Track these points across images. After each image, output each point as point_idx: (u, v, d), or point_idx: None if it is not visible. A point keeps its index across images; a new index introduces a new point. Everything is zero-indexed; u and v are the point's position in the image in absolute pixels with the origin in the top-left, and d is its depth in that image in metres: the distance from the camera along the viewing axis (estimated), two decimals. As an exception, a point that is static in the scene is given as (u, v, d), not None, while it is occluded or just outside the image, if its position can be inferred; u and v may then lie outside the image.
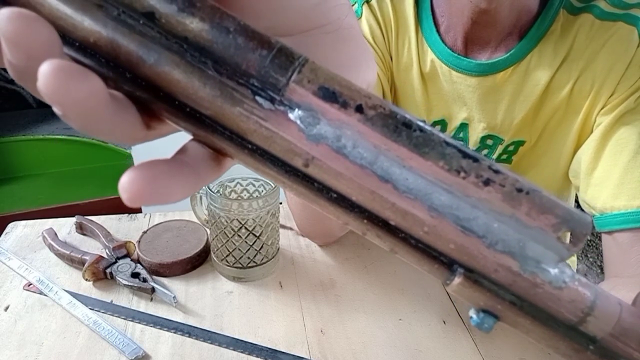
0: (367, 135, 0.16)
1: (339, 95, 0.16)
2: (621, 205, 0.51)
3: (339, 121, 0.16)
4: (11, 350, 0.48)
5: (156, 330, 0.50)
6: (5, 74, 1.92)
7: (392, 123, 0.16)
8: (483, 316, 0.17)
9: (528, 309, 0.17)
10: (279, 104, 0.15)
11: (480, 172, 0.16)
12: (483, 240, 0.16)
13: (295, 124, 0.16)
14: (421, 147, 0.16)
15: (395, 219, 0.16)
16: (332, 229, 0.62)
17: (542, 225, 0.16)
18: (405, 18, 0.60)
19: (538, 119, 0.58)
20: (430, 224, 0.16)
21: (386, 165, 0.16)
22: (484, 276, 0.16)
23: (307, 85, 0.16)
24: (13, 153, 1.64)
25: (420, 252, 0.17)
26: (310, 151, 0.16)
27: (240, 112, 0.15)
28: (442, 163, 0.16)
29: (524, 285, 0.16)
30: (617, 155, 0.51)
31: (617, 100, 0.52)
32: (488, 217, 0.16)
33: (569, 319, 0.17)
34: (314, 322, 0.52)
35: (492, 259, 0.16)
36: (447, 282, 0.17)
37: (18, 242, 0.63)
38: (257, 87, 0.15)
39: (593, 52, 0.53)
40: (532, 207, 0.16)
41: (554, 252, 0.16)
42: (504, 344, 0.50)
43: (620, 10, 0.52)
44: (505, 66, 0.56)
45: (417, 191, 0.16)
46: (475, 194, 0.16)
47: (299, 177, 0.16)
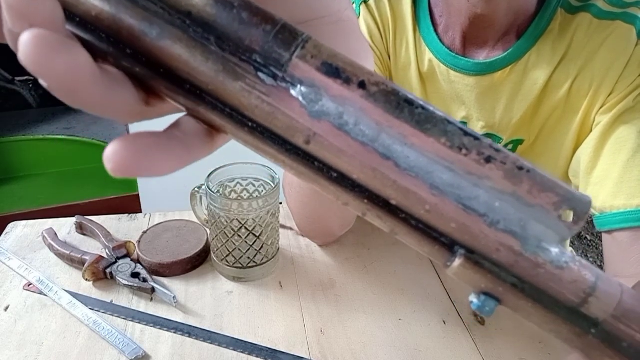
0: (369, 111, 0.16)
1: (342, 71, 0.16)
2: (620, 204, 0.51)
3: (341, 97, 0.16)
4: (11, 350, 0.48)
5: (156, 330, 0.51)
6: (6, 74, 1.92)
7: (394, 100, 0.16)
8: (484, 299, 0.17)
9: (529, 291, 0.16)
10: (282, 81, 0.15)
11: (481, 150, 0.16)
12: (484, 219, 0.16)
13: (297, 100, 0.15)
14: (423, 124, 0.16)
15: (396, 198, 0.16)
16: (332, 228, 0.62)
17: (544, 204, 0.16)
18: (403, 18, 0.60)
19: (536, 118, 0.58)
20: (431, 202, 0.16)
21: (388, 142, 0.16)
22: (485, 257, 0.16)
23: (310, 61, 0.15)
24: (13, 153, 1.64)
25: (420, 233, 0.17)
26: (312, 127, 0.16)
27: (242, 87, 0.15)
28: (444, 140, 0.16)
29: (525, 266, 0.16)
30: (616, 154, 0.51)
31: (616, 99, 0.52)
32: (489, 195, 0.16)
33: (571, 300, 0.16)
34: (314, 322, 0.52)
35: (494, 238, 0.16)
36: (448, 264, 0.17)
37: (18, 242, 0.63)
38: (259, 63, 0.15)
39: (591, 51, 0.53)
40: (534, 185, 0.16)
41: (554, 232, 0.16)
42: (504, 344, 0.50)
43: (618, 9, 0.52)
44: (503, 65, 0.56)
45: (419, 169, 0.16)
46: (477, 171, 0.16)
47: (299, 156, 0.16)
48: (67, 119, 1.96)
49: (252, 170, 0.60)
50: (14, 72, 1.95)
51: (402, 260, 0.62)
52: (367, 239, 0.66)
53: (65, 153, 1.69)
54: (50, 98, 1.37)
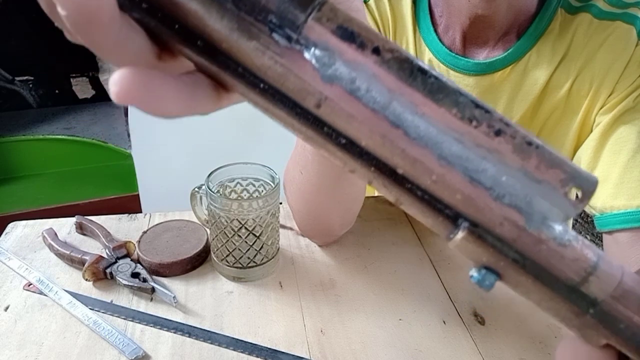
0: (382, 78, 0.16)
1: (357, 36, 0.16)
2: (621, 205, 0.51)
3: (354, 62, 0.15)
4: (11, 350, 0.48)
5: (156, 330, 0.51)
6: (6, 74, 1.92)
7: (407, 67, 0.16)
8: (484, 273, 0.17)
9: (530, 267, 0.16)
10: (296, 43, 0.15)
11: (492, 123, 0.16)
12: (490, 192, 0.16)
13: (310, 63, 0.15)
14: (435, 94, 0.16)
15: (403, 166, 0.16)
16: (332, 228, 0.62)
17: (551, 180, 0.16)
18: (402, 18, 0.60)
19: (536, 118, 0.58)
20: (438, 173, 0.16)
21: (399, 110, 0.16)
22: (488, 231, 0.16)
23: (325, 24, 0.15)
24: (13, 153, 1.64)
25: (425, 203, 0.17)
26: (324, 91, 0.15)
27: (256, 47, 0.15)
28: (455, 111, 0.16)
29: (528, 241, 0.16)
30: (616, 155, 0.51)
31: (616, 99, 0.52)
32: (497, 169, 0.16)
33: (571, 278, 0.16)
34: (314, 322, 0.52)
35: (498, 211, 0.16)
36: (450, 237, 0.17)
37: (18, 242, 0.63)
38: (274, 24, 0.15)
39: (591, 51, 0.53)
40: (542, 161, 0.16)
41: (559, 210, 0.16)
42: (504, 344, 0.50)
43: (618, 9, 0.52)
44: (503, 65, 0.56)
45: (428, 139, 0.16)
46: (486, 144, 0.16)
47: (309, 120, 0.16)
48: (67, 119, 1.96)
49: (252, 170, 0.60)
50: (14, 72, 1.96)
51: (402, 260, 0.62)
52: (367, 239, 0.66)
53: (65, 153, 1.69)
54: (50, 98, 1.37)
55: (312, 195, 0.57)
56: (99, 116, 2.01)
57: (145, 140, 1.25)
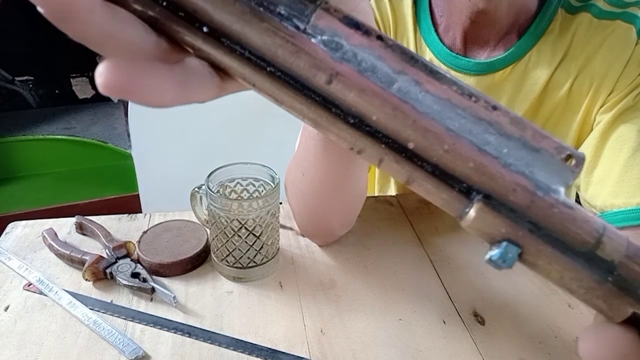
0: (387, 58, 0.17)
1: (362, 25, 0.17)
2: (621, 203, 0.51)
3: (361, 45, 0.16)
4: (11, 350, 0.48)
5: (156, 330, 0.51)
6: (6, 74, 1.92)
7: (408, 52, 0.17)
8: (505, 245, 0.17)
9: (547, 235, 0.17)
10: (304, 33, 0.16)
11: (487, 100, 0.17)
12: (498, 161, 0.17)
13: (319, 47, 0.16)
14: (436, 73, 0.17)
15: (415, 139, 0.17)
16: (333, 228, 0.62)
17: (547, 147, 0.17)
18: (403, 18, 0.60)
19: (537, 117, 0.58)
20: (450, 142, 0.17)
21: (405, 86, 0.17)
22: (501, 201, 0.17)
23: (333, 13, 0.16)
24: (13, 153, 1.64)
25: (437, 179, 0.17)
26: (335, 67, 0.16)
27: (268, 28, 0.16)
28: (456, 88, 0.17)
29: (541, 205, 0.17)
30: (616, 153, 0.52)
31: (616, 98, 0.52)
32: (498, 141, 0.17)
33: (587, 241, 0.17)
34: (314, 322, 0.52)
35: (510, 178, 0.17)
36: (466, 211, 0.17)
37: (18, 242, 0.63)
38: (283, 15, 0.16)
39: (591, 50, 0.53)
40: (535, 132, 0.17)
41: (558, 177, 0.17)
42: (504, 344, 0.50)
43: (618, 8, 0.52)
44: (503, 65, 0.56)
45: (436, 112, 0.17)
46: (487, 117, 0.17)
47: (317, 101, 0.17)
48: (67, 119, 1.96)
49: (252, 170, 0.60)
50: (14, 72, 1.96)
51: (402, 260, 0.62)
52: (367, 239, 0.66)
53: (65, 153, 1.69)
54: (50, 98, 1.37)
55: (313, 197, 0.57)
56: (99, 116, 2.01)
57: (145, 140, 1.25)
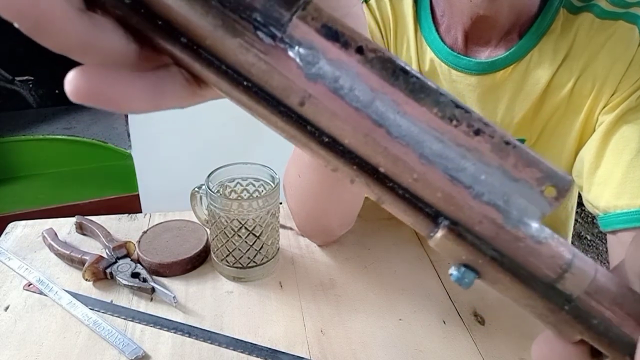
0: (365, 77, 0.16)
1: (341, 35, 0.16)
2: (624, 204, 0.50)
3: (338, 61, 0.16)
4: (11, 350, 0.48)
5: (156, 330, 0.50)
6: (6, 74, 1.92)
7: (390, 67, 0.16)
8: (464, 271, 0.18)
9: (508, 265, 0.17)
10: (280, 41, 0.15)
11: (471, 122, 0.16)
12: (470, 191, 0.16)
13: (294, 61, 0.15)
14: (417, 93, 0.16)
15: (385, 165, 0.16)
16: (331, 228, 0.62)
17: (528, 178, 0.17)
18: (404, 17, 0.60)
19: (538, 117, 0.58)
20: (419, 171, 0.16)
21: (381, 109, 0.16)
22: (467, 229, 0.17)
23: (310, 22, 0.16)
24: (13, 153, 1.64)
25: (406, 202, 0.17)
26: (307, 89, 0.16)
27: (240, 44, 0.15)
28: (436, 110, 0.16)
29: (506, 238, 0.16)
30: (619, 154, 0.51)
31: (619, 99, 0.52)
32: (476, 168, 0.16)
33: (548, 275, 0.17)
34: (314, 322, 0.52)
35: (478, 209, 0.16)
36: (431, 235, 0.17)
37: (18, 242, 0.63)
38: (259, 22, 0.15)
39: (594, 51, 0.53)
40: (519, 159, 0.16)
41: (536, 207, 0.17)
42: (504, 344, 0.50)
43: (620, 9, 0.52)
44: (505, 65, 0.56)
45: (410, 138, 0.16)
46: (466, 143, 0.16)
47: (292, 119, 0.16)
48: (67, 119, 1.96)
49: (252, 170, 0.60)
50: (14, 72, 1.95)
51: (402, 260, 0.62)
52: (367, 239, 0.66)
53: (65, 153, 1.69)
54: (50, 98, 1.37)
55: (310, 198, 0.57)
56: (99, 116, 2.01)
57: (145, 140, 1.25)
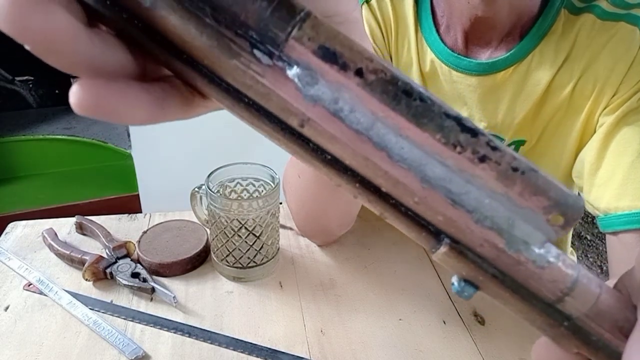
0: (365, 100, 0.15)
1: (339, 57, 0.15)
2: (625, 206, 0.50)
3: (337, 83, 0.15)
4: (11, 350, 0.48)
5: (156, 330, 0.50)
6: (6, 74, 1.92)
7: (392, 90, 0.15)
8: (464, 285, 0.18)
9: (509, 283, 0.17)
10: (278, 59, 0.15)
11: (476, 148, 0.16)
12: (472, 215, 0.16)
13: (292, 82, 0.15)
14: (419, 118, 0.16)
15: (386, 187, 0.16)
16: (331, 228, 0.62)
17: (534, 207, 0.16)
18: (405, 18, 0.60)
19: (539, 118, 0.58)
20: (420, 195, 0.16)
21: (382, 132, 0.16)
22: (469, 249, 0.17)
23: (306, 43, 0.15)
24: (13, 153, 1.64)
25: (409, 219, 0.17)
26: (306, 112, 0.15)
27: (237, 66, 0.15)
28: (439, 136, 0.16)
29: (507, 262, 0.17)
30: (620, 156, 0.51)
31: (620, 100, 0.52)
32: (480, 192, 0.16)
33: (548, 297, 0.17)
34: (314, 322, 0.52)
35: (479, 234, 0.16)
36: (433, 251, 0.17)
37: (18, 242, 0.63)
38: (255, 39, 0.15)
39: (595, 52, 0.53)
40: (526, 187, 0.16)
41: (541, 233, 0.16)
42: (504, 344, 0.50)
43: (621, 10, 0.52)
44: (505, 65, 0.55)
45: (411, 161, 0.16)
46: (470, 170, 0.16)
47: (295, 136, 0.16)
48: (67, 119, 1.96)
49: (252, 170, 0.60)
50: (14, 72, 1.95)
51: (402, 260, 0.62)
52: (367, 239, 0.66)
53: (65, 153, 1.69)
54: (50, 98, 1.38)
55: (310, 198, 0.57)
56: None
57: (145, 140, 1.25)
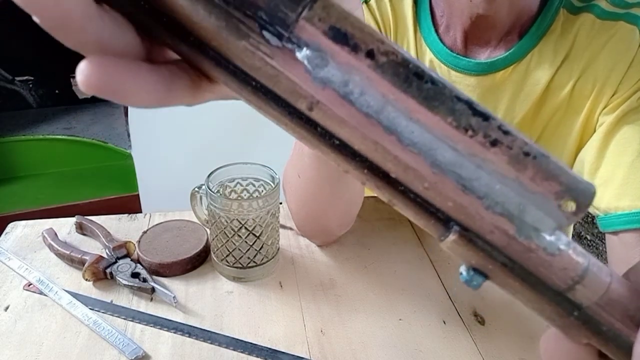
0: (375, 82, 0.15)
1: (350, 38, 0.15)
2: (625, 206, 0.50)
3: (347, 65, 0.15)
4: (11, 350, 0.48)
5: (156, 330, 0.50)
6: (6, 74, 1.92)
7: (403, 72, 0.15)
8: (473, 274, 0.17)
9: (519, 271, 0.17)
10: (287, 41, 0.15)
11: (488, 132, 0.16)
12: (483, 202, 0.16)
13: (302, 64, 0.15)
14: (431, 101, 0.15)
15: (396, 172, 0.16)
16: (331, 228, 0.62)
17: (545, 192, 0.16)
18: (404, 18, 0.60)
19: (538, 118, 0.58)
20: (431, 181, 0.16)
21: (393, 115, 0.15)
22: (478, 236, 0.16)
23: (317, 24, 0.15)
24: (13, 153, 1.64)
25: (418, 206, 0.17)
26: (315, 95, 0.15)
27: (246, 47, 0.15)
28: (451, 119, 0.15)
29: (517, 249, 0.16)
30: (620, 155, 0.51)
31: (619, 99, 0.52)
32: (491, 178, 0.16)
33: (558, 285, 0.17)
34: (314, 322, 0.52)
35: (489, 220, 0.16)
36: (442, 239, 0.17)
37: (18, 242, 0.63)
38: (265, 20, 0.14)
39: (594, 51, 0.53)
40: (537, 172, 0.16)
41: (552, 219, 0.16)
42: (504, 344, 0.50)
43: (621, 9, 0.52)
44: (505, 65, 0.55)
45: (422, 145, 0.15)
46: (481, 154, 0.16)
47: (302, 120, 0.16)
48: (67, 119, 1.96)
49: (252, 170, 0.60)
50: (14, 72, 1.95)
51: (402, 260, 0.62)
52: (367, 239, 0.66)
53: (65, 153, 1.69)
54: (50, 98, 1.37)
55: (310, 198, 0.57)
56: (99, 116, 2.01)
57: (145, 140, 1.25)
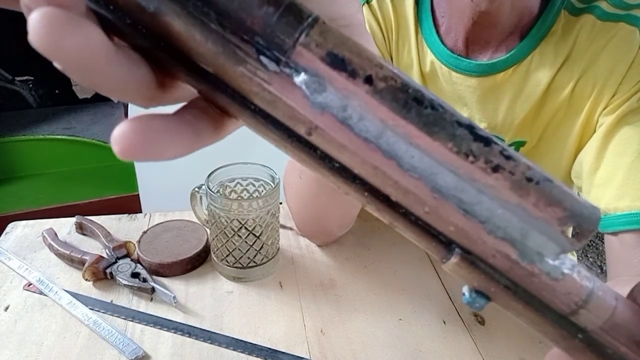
0: (374, 108, 0.15)
1: (348, 63, 0.15)
2: (625, 206, 0.50)
3: (346, 91, 0.15)
4: (11, 350, 0.48)
5: (156, 330, 0.50)
6: (6, 74, 1.92)
7: (402, 98, 0.15)
8: (475, 296, 0.17)
9: (522, 294, 0.17)
10: (284, 66, 0.15)
11: (490, 158, 0.15)
12: (484, 226, 0.16)
13: (300, 89, 0.15)
14: (430, 126, 0.15)
15: (396, 196, 0.16)
16: (331, 229, 0.62)
17: (548, 218, 0.16)
18: (405, 19, 0.60)
19: (539, 119, 0.58)
20: (431, 205, 0.16)
21: (392, 140, 0.15)
22: (481, 259, 0.16)
23: (314, 50, 0.15)
24: (13, 153, 1.64)
25: (419, 228, 0.16)
26: (314, 120, 0.15)
27: (243, 73, 0.14)
28: (451, 145, 0.15)
29: (520, 273, 0.16)
30: (620, 156, 0.51)
31: (620, 100, 0.52)
32: (493, 202, 0.16)
33: (562, 309, 0.17)
34: (314, 322, 0.52)
35: (491, 245, 0.16)
36: (444, 261, 0.17)
37: (18, 242, 0.63)
38: (262, 45, 0.14)
39: (594, 52, 0.53)
40: (540, 198, 0.16)
41: (556, 244, 0.16)
42: (504, 344, 0.50)
43: (621, 10, 0.52)
44: (505, 66, 0.56)
45: (422, 170, 0.15)
46: (482, 180, 0.15)
47: (302, 144, 0.16)
48: (67, 119, 1.96)
49: (252, 170, 0.60)
50: (14, 72, 1.95)
51: (402, 260, 0.62)
52: (367, 239, 0.66)
53: (65, 153, 1.69)
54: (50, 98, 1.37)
55: (310, 199, 0.57)
56: (99, 116, 2.00)
57: (145, 140, 1.25)
